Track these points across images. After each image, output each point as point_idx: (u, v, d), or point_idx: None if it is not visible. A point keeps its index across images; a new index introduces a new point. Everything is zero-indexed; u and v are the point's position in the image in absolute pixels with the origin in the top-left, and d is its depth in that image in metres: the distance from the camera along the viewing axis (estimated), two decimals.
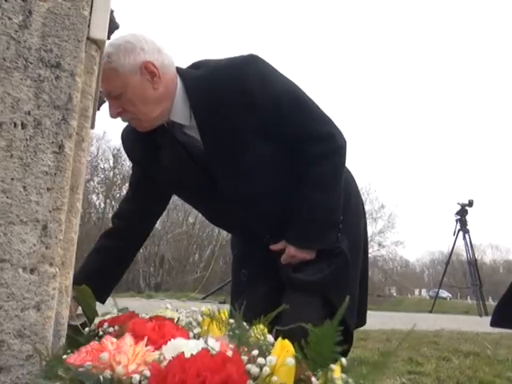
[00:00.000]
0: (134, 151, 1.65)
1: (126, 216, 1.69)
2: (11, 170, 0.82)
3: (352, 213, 1.67)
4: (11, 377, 0.78)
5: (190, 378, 0.52)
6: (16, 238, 0.81)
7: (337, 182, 1.56)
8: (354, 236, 1.65)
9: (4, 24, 0.85)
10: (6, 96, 0.83)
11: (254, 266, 1.71)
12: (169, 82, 1.42)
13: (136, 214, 1.68)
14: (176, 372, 0.53)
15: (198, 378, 0.52)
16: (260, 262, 1.67)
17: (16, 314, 0.79)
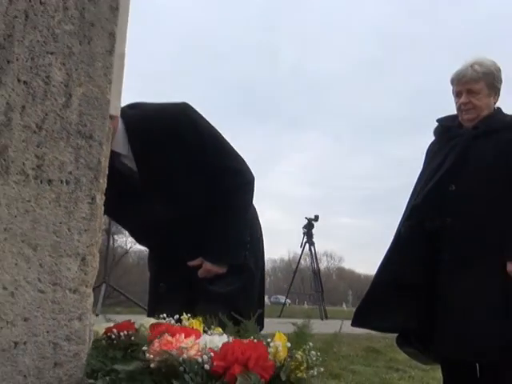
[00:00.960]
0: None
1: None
2: (60, 216, 1.10)
3: (255, 237, 2.13)
4: (63, 370, 1.06)
5: (240, 355, 0.89)
6: (64, 267, 1.09)
7: (246, 209, 2.00)
8: (256, 256, 2.10)
9: (52, 104, 1.12)
10: (55, 160, 1.11)
11: (172, 280, 2.06)
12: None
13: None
14: (230, 351, 0.89)
15: (245, 354, 0.89)
16: (177, 277, 2.03)
17: (65, 323, 1.07)
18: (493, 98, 2.60)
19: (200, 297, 1.94)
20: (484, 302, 2.36)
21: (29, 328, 1.03)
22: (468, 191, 2.47)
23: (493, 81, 2.58)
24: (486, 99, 2.57)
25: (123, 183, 1.80)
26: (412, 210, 2.58)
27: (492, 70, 2.58)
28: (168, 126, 1.83)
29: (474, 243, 2.42)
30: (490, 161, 2.48)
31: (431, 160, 2.70)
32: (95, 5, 1.21)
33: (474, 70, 2.56)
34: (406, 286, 2.42)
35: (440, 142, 2.72)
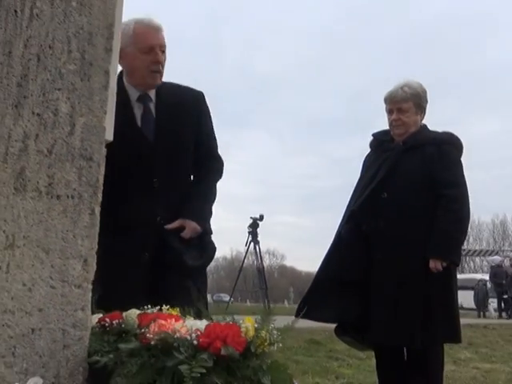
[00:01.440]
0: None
1: None
2: (66, 225, 1.33)
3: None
4: (70, 351, 1.30)
5: (218, 332, 1.16)
6: (70, 267, 1.32)
7: (216, 189, 2.37)
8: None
9: (60, 132, 1.35)
10: (62, 178, 1.34)
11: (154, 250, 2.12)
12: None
13: None
14: (212, 331, 1.17)
15: (224, 332, 1.17)
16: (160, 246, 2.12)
17: (71, 313, 1.31)
18: (419, 116, 3.00)
19: (174, 268, 2.08)
20: (410, 296, 2.74)
21: (43, 317, 1.27)
22: (398, 198, 2.85)
23: (419, 101, 2.98)
24: (413, 117, 2.97)
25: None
26: (350, 214, 2.93)
27: (419, 92, 2.98)
28: (194, 99, 2.29)
29: (402, 244, 2.80)
30: (417, 172, 2.87)
31: (367, 170, 3.07)
32: (93, 47, 1.44)
33: (404, 91, 2.95)
34: (346, 282, 2.77)
35: (375, 154, 3.10)
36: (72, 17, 1.42)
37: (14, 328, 1.22)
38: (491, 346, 6.81)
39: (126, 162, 2.03)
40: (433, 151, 2.88)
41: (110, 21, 1.49)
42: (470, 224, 3.11)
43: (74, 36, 1.41)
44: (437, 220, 2.76)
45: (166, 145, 2.15)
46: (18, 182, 1.27)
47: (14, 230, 1.25)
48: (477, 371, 4.65)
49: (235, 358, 1.15)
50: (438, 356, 2.83)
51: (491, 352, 6.27)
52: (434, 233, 2.75)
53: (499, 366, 5.14)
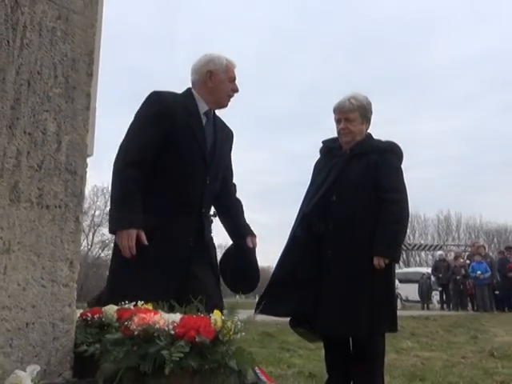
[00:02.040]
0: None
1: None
2: (55, 231, 1.51)
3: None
4: (59, 342, 1.48)
5: (192, 323, 1.38)
6: (59, 269, 1.50)
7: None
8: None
9: (48, 149, 1.53)
10: (51, 190, 1.52)
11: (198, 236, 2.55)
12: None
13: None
14: (187, 323, 1.38)
15: (197, 323, 1.38)
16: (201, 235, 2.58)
17: (60, 309, 1.49)
18: (365, 126, 3.29)
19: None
20: (356, 291, 3.02)
21: (36, 313, 1.44)
22: (345, 202, 3.13)
23: (365, 112, 3.27)
24: (359, 126, 3.25)
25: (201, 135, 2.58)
26: (303, 216, 3.19)
27: (364, 104, 3.28)
28: (230, 131, 2.83)
29: (350, 243, 3.08)
30: (362, 178, 3.15)
31: (317, 174, 3.34)
32: (76, 72, 1.62)
33: (351, 102, 3.24)
34: (300, 279, 3.02)
35: (324, 160, 3.37)
36: (57, 45, 1.59)
37: (11, 322, 1.39)
38: (431, 336, 7.27)
39: (191, 159, 2.48)
40: (376, 159, 3.17)
41: (90, 48, 1.67)
42: (416, 219, 3.44)
43: (59, 62, 1.59)
44: (379, 222, 3.06)
45: (217, 153, 2.60)
46: (13, 194, 1.44)
47: (10, 237, 1.42)
48: (417, 359, 5.02)
49: (206, 344, 1.36)
50: (379, 344, 3.13)
51: (431, 341, 6.71)
52: (377, 233, 3.04)
53: (438, 354, 5.54)
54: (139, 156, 2.32)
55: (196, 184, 2.48)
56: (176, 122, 2.42)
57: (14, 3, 1.50)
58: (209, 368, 1.35)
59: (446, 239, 46.14)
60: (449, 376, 3.99)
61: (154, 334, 1.35)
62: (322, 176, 3.27)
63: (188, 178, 2.45)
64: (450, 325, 8.88)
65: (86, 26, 1.67)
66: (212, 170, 2.56)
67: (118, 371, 1.31)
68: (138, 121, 2.41)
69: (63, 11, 1.61)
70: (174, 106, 2.45)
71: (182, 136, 2.40)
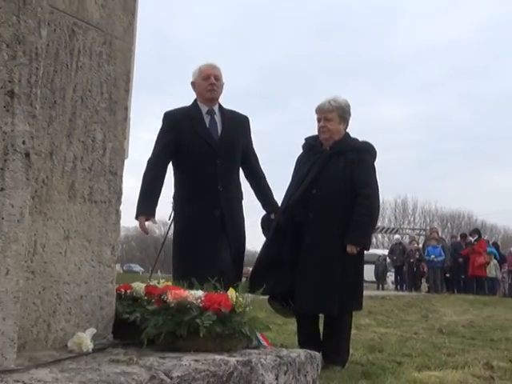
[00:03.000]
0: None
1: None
2: (101, 222, 1.85)
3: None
4: (105, 311, 1.83)
5: (215, 298, 1.76)
6: (104, 252, 1.84)
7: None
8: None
9: (96, 154, 1.85)
10: (98, 189, 1.85)
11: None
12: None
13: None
14: (210, 297, 1.76)
15: (218, 298, 1.77)
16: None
17: (105, 285, 1.84)
18: (342, 126, 3.71)
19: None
20: (330, 273, 3.46)
21: (88, 287, 1.79)
22: (325, 195, 3.55)
23: (343, 113, 3.69)
24: (337, 125, 3.67)
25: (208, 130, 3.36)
26: (286, 207, 3.59)
27: (343, 106, 3.70)
28: (244, 119, 3.55)
29: (326, 231, 3.51)
30: (340, 174, 3.57)
31: (300, 168, 3.75)
32: (117, 89, 1.95)
33: (330, 104, 3.65)
34: (281, 262, 3.44)
35: (306, 156, 3.78)
36: (103, 66, 1.91)
37: (70, 295, 1.74)
38: (387, 314, 7.87)
39: (200, 150, 3.26)
40: (353, 157, 3.60)
41: (128, 68, 2.00)
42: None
43: (104, 81, 1.91)
44: (353, 213, 3.49)
45: (225, 140, 3.33)
46: (71, 191, 1.77)
47: (69, 226, 1.75)
48: (374, 334, 5.54)
49: (226, 314, 1.75)
50: (347, 321, 3.60)
51: (387, 319, 7.29)
52: (351, 224, 3.48)
53: (392, 330, 6.10)
54: (156, 161, 3.28)
55: (208, 167, 3.25)
56: (180, 129, 3.29)
57: (71, 32, 1.80)
58: (228, 333, 1.74)
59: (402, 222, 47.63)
60: (403, 348, 4.51)
61: (187, 306, 1.72)
62: (304, 170, 3.68)
63: (200, 164, 3.25)
64: (403, 304, 9.54)
65: (125, 49, 1.99)
66: (222, 153, 3.29)
67: (159, 334, 1.69)
68: (156, 137, 3.36)
69: (108, 37, 1.93)
70: (178, 119, 3.32)
71: (187, 136, 3.27)
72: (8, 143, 1.32)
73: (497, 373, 3.58)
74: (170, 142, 3.27)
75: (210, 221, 3.23)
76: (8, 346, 1.29)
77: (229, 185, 3.34)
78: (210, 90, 3.33)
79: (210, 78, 3.33)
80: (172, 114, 3.37)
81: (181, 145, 3.26)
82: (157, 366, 1.40)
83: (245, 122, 3.52)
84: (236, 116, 3.49)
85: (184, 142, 3.26)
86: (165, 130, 3.31)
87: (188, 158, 3.27)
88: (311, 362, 1.85)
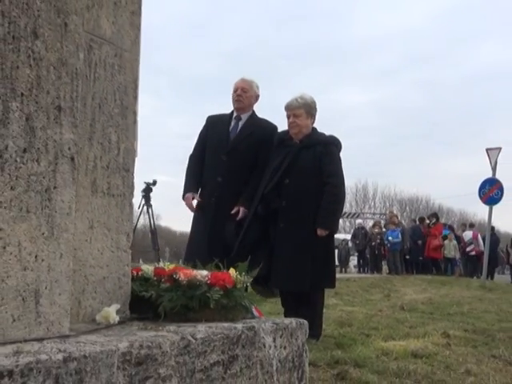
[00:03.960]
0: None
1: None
2: (118, 213, 2.12)
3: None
4: (123, 290, 2.11)
5: (219, 276, 2.08)
6: (121, 239, 2.12)
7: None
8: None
9: (112, 154, 2.12)
10: (115, 184, 2.12)
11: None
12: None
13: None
14: (215, 275, 2.08)
15: (222, 276, 2.08)
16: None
17: (122, 267, 2.12)
18: (310, 120, 4.08)
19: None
20: (302, 255, 3.82)
21: (108, 270, 2.07)
22: (296, 184, 3.90)
23: (309, 109, 4.06)
24: (305, 121, 4.04)
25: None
26: (262, 196, 3.93)
27: (309, 102, 4.07)
28: (266, 129, 4.19)
29: (298, 217, 3.86)
30: (310, 165, 3.93)
31: (273, 160, 4.09)
32: (127, 96, 2.22)
33: (298, 101, 4.03)
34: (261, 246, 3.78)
35: (278, 149, 4.13)
36: (115, 76, 2.17)
37: (95, 276, 2.02)
38: (352, 295, 8.35)
39: (214, 146, 4.12)
40: (321, 150, 3.97)
41: (135, 77, 2.26)
42: None
43: (117, 90, 2.17)
44: (322, 200, 3.87)
45: (237, 141, 4.07)
46: (93, 187, 2.04)
47: (93, 217, 2.03)
48: (342, 312, 5.97)
49: (230, 289, 2.06)
50: (319, 297, 3.98)
51: (352, 299, 7.76)
52: (320, 210, 3.85)
53: (358, 308, 6.55)
54: (192, 154, 4.26)
55: (214, 161, 4.07)
56: (208, 130, 4.17)
57: (89, 47, 2.06)
58: (231, 305, 2.06)
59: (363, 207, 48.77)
60: (370, 323, 4.94)
61: (197, 283, 2.03)
62: (277, 162, 4.03)
63: (210, 159, 4.11)
64: (367, 285, 10.06)
65: (133, 60, 2.25)
66: (230, 152, 4.02)
67: (174, 307, 1.99)
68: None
69: (118, 50, 2.19)
70: (210, 122, 4.23)
71: (210, 136, 4.19)
72: (58, 150, 1.59)
73: (453, 340, 4.03)
74: (202, 138, 4.23)
75: (207, 206, 3.94)
76: (64, 316, 1.58)
77: (230, 178, 3.93)
78: (236, 101, 4.11)
79: (238, 91, 4.08)
80: (210, 117, 4.29)
81: (206, 142, 4.15)
82: (181, 331, 1.70)
83: (266, 130, 4.13)
84: (259, 123, 4.16)
85: (208, 141, 4.15)
86: (201, 130, 4.27)
87: (207, 151, 4.14)
88: (301, 328, 2.19)
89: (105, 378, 1.34)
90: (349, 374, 2.80)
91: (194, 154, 4.25)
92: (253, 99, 4.14)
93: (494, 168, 12.25)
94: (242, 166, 4.01)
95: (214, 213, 3.93)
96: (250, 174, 4.02)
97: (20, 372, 1.15)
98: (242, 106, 4.10)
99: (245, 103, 4.09)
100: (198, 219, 4.06)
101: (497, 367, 3.29)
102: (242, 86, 4.07)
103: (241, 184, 3.99)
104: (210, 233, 3.90)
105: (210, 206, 3.97)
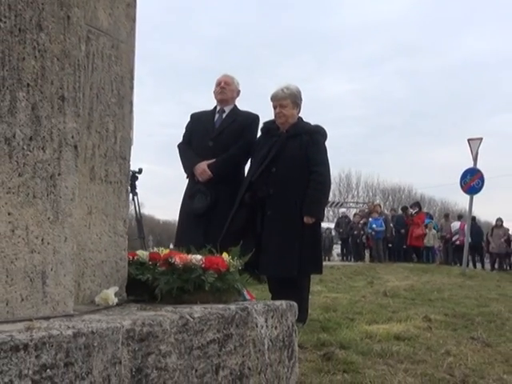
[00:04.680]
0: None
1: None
2: (115, 199, 2.20)
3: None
4: (120, 273, 2.20)
5: (213, 260, 2.17)
6: (118, 225, 2.20)
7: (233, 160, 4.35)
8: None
9: (109, 142, 2.19)
10: (112, 171, 2.20)
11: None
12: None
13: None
14: (209, 259, 2.17)
15: (216, 260, 2.18)
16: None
17: (119, 252, 2.20)
18: (296, 110, 4.18)
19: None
20: (289, 241, 3.93)
21: (106, 254, 2.15)
22: (283, 173, 4.00)
23: (295, 99, 4.17)
24: (291, 111, 4.14)
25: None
26: (249, 184, 4.03)
27: (295, 93, 4.18)
28: (247, 118, 4.36)
29: (285, 205, 3.97)
30: (296, 154, 4.04)
31: (260, 149, 4.18)
32: (123, 86, 2.28)
33: (283, 91, 4.13)
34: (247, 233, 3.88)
35: (264, 138, 4.23)
36: (112, 67, 2.24)
37: (94, 260, 2.10)
38: (336, 282, 8.51)
39: (202, 134, 4.36)
40: (307, 139, 4.08)
41: (131, 67, 2.33)
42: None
43: (114, 80, 2.24)
44: (308, 188, 3.98)
45: (222, 129, 4.29)
46: (91, 174, 2.11)
47: (91, 203, 2.10)
48: (327, 298, 6.11)
49: (223, 273, 2.16)
50: (306, 283, 4.10)
51: (336, 286, 7.92)
52: (306, 198, 3.96)
53: (343, 295, 6.70)
54: (183, 141, 4.49)
55: (202, 145, 4.30)
56: (194, 123, 4.43)
57: (87, 39, 2.12)
58: (225, 288, 2.16)
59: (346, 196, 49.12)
60: (354, 308, 5.09)
61: (192, 266, 2.12)
62: (264, 151, 4.13)
63: (198, 144, 4.35)
64: (350, 273, 10.25)
65: (129, 51, 2.32)
66: (215, 138, 4.28)
67: (171, 289, 2.08)
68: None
69: (115, 41, 2.25)
70: (195, 117, 4.48)
71: (196, 128, 4.44)
72: (61, 138, 1.66)
73: (434, 324, 4.19)
74: (188, 130, 4.48)
75: (193, 192, 4.13)
76: (68, 296, 1.66)
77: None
78: (219, 93, 4.34)
79: (221, 83, 4.35)
80: (194, 113, 4.55)
81: (192, 132, 4.43)
82: (179, 311, 1.80)
83: (248, 119, 4.35)
84: (242, 113, 4.38)
85: (193, 131, 4.43)
86: (186, 124, 4.53)
87: (194, 141, 4.41)
88: (290, 310, 2.30)
89: (110, 352, 1.43)
90: (335, 355, 2.92)
91: (183, 141, 4.50)
92: (235, 93, 4.40)
93: (475, 158, 12.48)
94: (227, 149, 4.20)
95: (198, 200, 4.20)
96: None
97: (34, 346, 1.23)
98: (226, 98, 4.34)
99: (228, 95, 4.33)
100: (182, 206, 4.33)
101: (475, 348, 3.44)
102: (225, 80, 4.36)
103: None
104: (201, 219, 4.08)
105: (196, 192, 4.20)
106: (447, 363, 2.92)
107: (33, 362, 1.21)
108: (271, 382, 2.13)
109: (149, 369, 1.54)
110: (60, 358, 1.27)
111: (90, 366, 1.36)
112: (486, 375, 2.74)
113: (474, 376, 2.70)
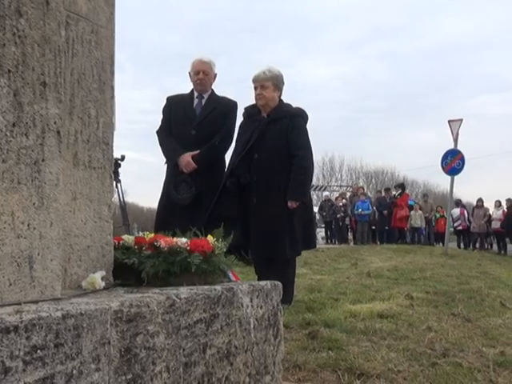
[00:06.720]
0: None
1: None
2: (99, 185, 2.21)
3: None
4: (107, 257, 2.22)
5: (198, 243, 2.20)
6: (103, 210, 2.22)
7: (218, 151, 4.38)
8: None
9: (92, 128, 2.20)
10: (95, 157, 2.21)
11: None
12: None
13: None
14: (195, 242, 2.20)
15: (201, 242, 2.21)
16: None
17: (104, 236, 2.22)
18: (277, 93, 4.21)
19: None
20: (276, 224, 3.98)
21: (92, 239, 2.17)
22: (265, 158, 4.04)
23: (276, 82, 4.19)
24: (272, 93, 4.17)
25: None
26: (232, 170, 4.06)
27: (277, 75, 4.20)
28: (227, 104, 4.37)
29: (269, 190, 4.01)
30: (278, 138, 4.08)
31: (241, 135, 4.22)
32: (104, 71, 2.29)
33: (265, 73, 4.16)
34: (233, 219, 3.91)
35: (246, 124, 4.26)
36: (93, 52, 2.24)
37: (79, 245, 2.11)
38: (321, 264, 8.62)
39: (183, 122, 4.32)
40: (288, 122, 4.11)
41: (112, 53, 2.33)
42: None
43: (94, 65, 2.24)
44: (291, 173, 4.02)
45: (203, 117, 4.28)
46: (75, 160, 2.12)
47: (75, 189, 2.11)
48: (311, 280, 6.20)
49: (209, 255, 2.19)
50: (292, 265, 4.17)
51: (321, 268, 8.02)
52: (290, 182, 4.00)
53: (327, 276, 6.80)
54: (162, 127, 4.45)
55: (185, 134, 4.28)
56: (172, 108, 4.32)
57: (67, 24, 2.11)
58: (211, 269, 2.19)
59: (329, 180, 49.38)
60: (338, 289, 5.17)
61: (177, 249, 2.15)
62: (246, 137, 4.16)
63: (180, 132, 4.31)
64: (335, 255, 10.37)
65: (109, 36, 2.32)
66: (198, 126, 4.21)
67: (157, 273, 2.11)
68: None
69: (94, 26, 2.25)
70: (172, 101, 4.39)
71: (175, 112, 4.39)
72: (44, 124, 1.67)
73: (416, 302, 4.28)
74: (166, 116, 4.42)
75: (177, 182, 4.13)
76: (56, 280, 1.68)
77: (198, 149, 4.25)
78: (199, 84, 4.35)
79: (199, 74, 4.30)
80: (170, 98, 4.49)
81: (171, 118, 4.37)
82: (166, 292, 1.83)
83: (228, 107, 4.36)
84: (221, 100, 4.40)
85: (173, 116, 4.37)
86: (164, 109, 4.45)
87: (173, 127, 4.37)
88: (275, 290, 2.35)
89: (99, 333, 1.46)
90: (319, 334, 2.99)
91: (162, 128, 4.46)
92: (212, 79, 4.43)
93: (456, 139, 12.63)
94: (210, 138, 4.21)
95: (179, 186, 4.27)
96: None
97: (24, 327, 1.25)
98: (204, 89, 4.39)
99: (207, 85, 4.38)
100: (167, 195, 4.31)
101: (455, 324, 3.54)
102: (204, 69, 4.32)
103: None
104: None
105: (179, 178, 4.22)
106: (428, 338, 3.01)
107: (23, 343, 1.24)
108: (257, 359, 2.18)
109: (137, 348, 1.58)
110: (50, 339, 1.30)
111: (80, 347, 1.39)
112: (465, 348, 2.82)
113: (454, 349, 2.79)
